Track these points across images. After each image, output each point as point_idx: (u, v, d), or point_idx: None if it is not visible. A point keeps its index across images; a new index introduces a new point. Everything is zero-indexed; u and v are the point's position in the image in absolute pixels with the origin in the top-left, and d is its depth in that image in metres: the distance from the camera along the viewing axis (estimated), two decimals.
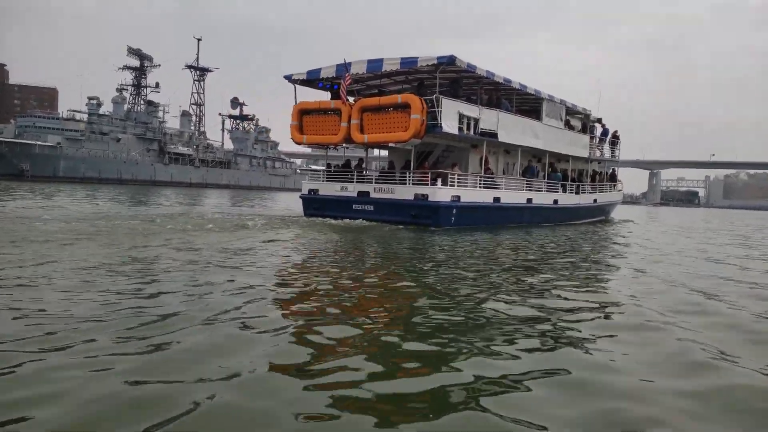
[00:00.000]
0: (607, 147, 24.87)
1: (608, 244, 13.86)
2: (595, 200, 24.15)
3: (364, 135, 16.30)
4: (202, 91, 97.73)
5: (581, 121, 23.26)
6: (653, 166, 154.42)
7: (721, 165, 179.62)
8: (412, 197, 15.76)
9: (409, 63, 15.88)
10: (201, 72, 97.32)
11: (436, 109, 15.18)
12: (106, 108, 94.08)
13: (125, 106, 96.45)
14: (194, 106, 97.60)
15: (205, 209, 20.87)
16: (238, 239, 10.11)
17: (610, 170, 27.65)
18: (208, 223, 13.43)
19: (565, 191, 21.43)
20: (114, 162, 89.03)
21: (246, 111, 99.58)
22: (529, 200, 19.18)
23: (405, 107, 15.38)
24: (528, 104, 20.38)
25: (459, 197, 16.05)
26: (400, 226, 15.02)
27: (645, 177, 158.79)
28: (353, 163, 18.87)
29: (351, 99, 17.29)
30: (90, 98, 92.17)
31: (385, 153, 21.06)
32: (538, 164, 20.98)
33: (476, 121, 16.50)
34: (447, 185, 15.79)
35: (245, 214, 17.77)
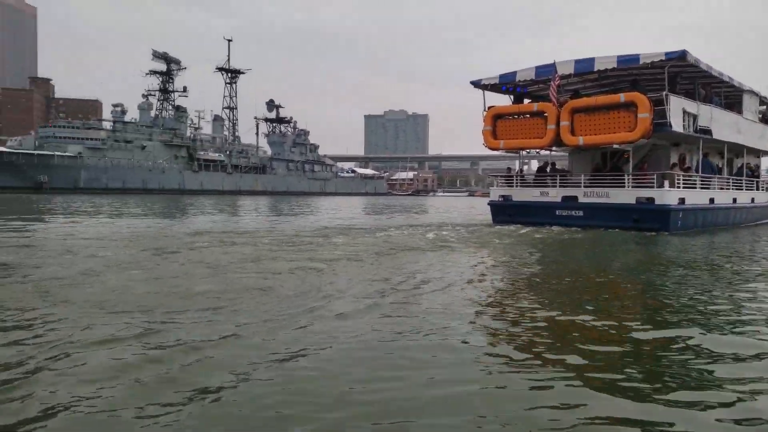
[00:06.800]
0: None
1: None
2: None
3: (578, 137, 17.13)
4: (234, 95, 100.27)
5: (764, 112, 23.78)
6: None
7: None
8: (633, 201, 16.54)
9: (628, 60, 16.65)
10: (233, 74, 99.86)
11: (666, 107, 15.96)
12: (133, 115, 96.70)
13: (152, 113, 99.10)
14: (227, 110, 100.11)
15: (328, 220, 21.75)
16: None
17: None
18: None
19: (758, 189, 22.01)
20: (139, 170, 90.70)
21: (283, 113, 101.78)
22: (734, 200, 19.82)
23: (630, 106, 16.13)
24: (728, 97, 20.99)
25: (684, 199, 16.79)
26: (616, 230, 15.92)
27: None
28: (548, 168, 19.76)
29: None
30: (114, 105, 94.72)
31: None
32: (715, 158, 21.44)
33: (695, 117, 17.24)
34: (674, 187, 16.55)
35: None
